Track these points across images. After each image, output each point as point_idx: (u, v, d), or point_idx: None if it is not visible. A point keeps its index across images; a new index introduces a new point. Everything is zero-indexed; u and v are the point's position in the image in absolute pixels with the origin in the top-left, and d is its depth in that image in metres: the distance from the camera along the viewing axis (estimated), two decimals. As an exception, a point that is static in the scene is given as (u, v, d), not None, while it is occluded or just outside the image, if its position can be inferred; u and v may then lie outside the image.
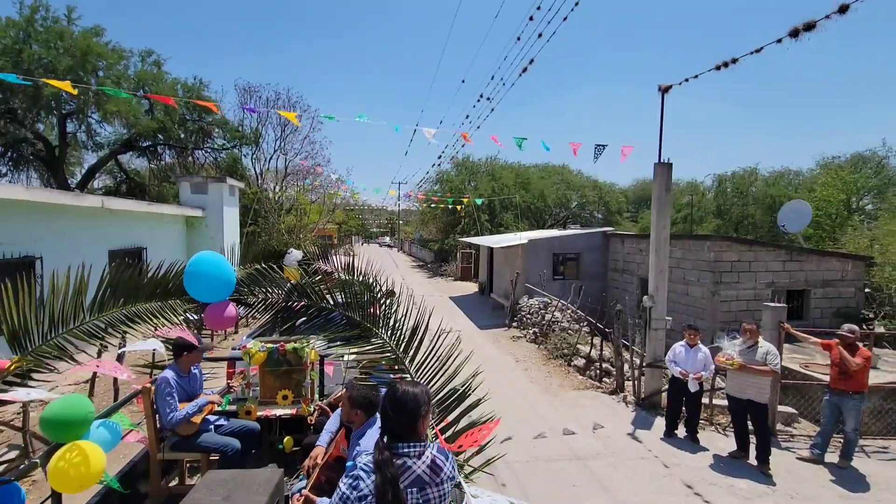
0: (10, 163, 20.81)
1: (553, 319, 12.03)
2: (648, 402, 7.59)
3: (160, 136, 21.50)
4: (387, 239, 63.87)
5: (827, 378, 5.96)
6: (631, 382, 8.03)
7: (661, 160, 7.71)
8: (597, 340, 9.50)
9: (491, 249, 18.73)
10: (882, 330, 10.21)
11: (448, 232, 29.88)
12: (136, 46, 28.45)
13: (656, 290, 7.70)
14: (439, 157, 18.21)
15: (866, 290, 12.07)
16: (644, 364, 7.70)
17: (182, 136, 22.16)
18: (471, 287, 23.23)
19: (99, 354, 5.24)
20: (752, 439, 5.67)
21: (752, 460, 5.63)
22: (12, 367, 2.36)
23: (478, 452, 2.53)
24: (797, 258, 11.26)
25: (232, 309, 2.75)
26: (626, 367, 8.38)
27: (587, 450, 6.02)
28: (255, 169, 25.85)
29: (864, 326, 10.59)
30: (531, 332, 12.50)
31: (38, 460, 2.61)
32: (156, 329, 2.72)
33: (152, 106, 20.76)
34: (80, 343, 2.52)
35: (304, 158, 26.14)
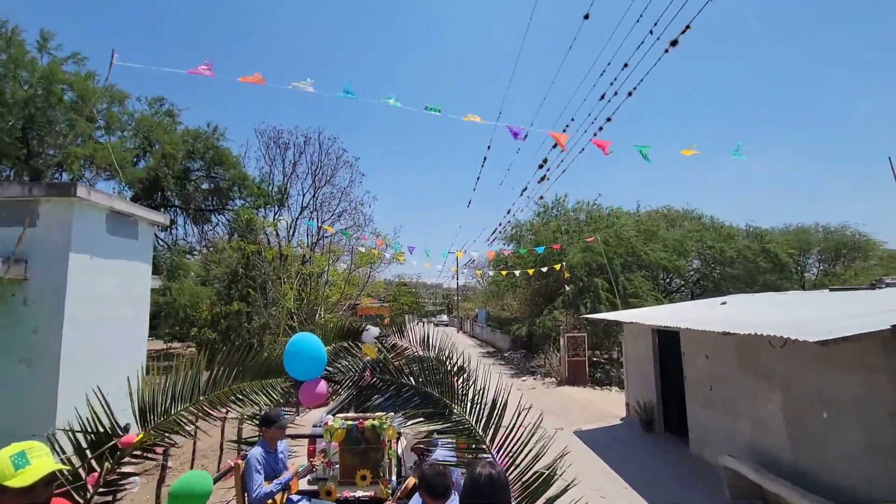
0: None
1: None
2: None
3: (169, 193, 17.62)
4: (443, 317, 55.77)
5: None
6: None
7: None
8: None
9: (673, 336, 8.92)
10: None
11: (540, 306, 20.10)
12: (170, 97, 24.85)
13: None
14: (544, 177, 9.86)
15: None
16: None
17: (196, 196, 18.53)
18: (602, 402, 12.73)
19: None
20: None
21: None
22: (138, 441, 2.64)
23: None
24: None
25: (323, 386, 2.94)
26: None
27: None
28: (275, 231, 20.44)
29: None
30: None
31: None
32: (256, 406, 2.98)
33: (146, 153, 17.13)
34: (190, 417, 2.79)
35: (339, 215, 21.33)
